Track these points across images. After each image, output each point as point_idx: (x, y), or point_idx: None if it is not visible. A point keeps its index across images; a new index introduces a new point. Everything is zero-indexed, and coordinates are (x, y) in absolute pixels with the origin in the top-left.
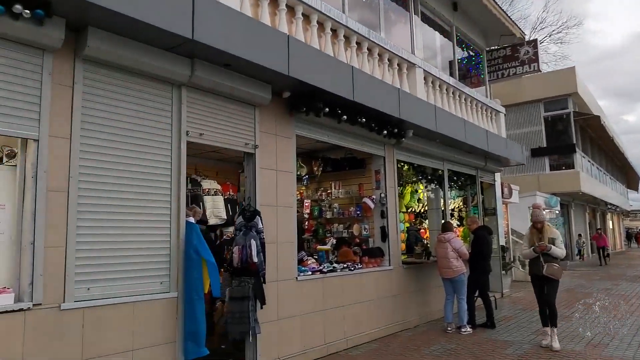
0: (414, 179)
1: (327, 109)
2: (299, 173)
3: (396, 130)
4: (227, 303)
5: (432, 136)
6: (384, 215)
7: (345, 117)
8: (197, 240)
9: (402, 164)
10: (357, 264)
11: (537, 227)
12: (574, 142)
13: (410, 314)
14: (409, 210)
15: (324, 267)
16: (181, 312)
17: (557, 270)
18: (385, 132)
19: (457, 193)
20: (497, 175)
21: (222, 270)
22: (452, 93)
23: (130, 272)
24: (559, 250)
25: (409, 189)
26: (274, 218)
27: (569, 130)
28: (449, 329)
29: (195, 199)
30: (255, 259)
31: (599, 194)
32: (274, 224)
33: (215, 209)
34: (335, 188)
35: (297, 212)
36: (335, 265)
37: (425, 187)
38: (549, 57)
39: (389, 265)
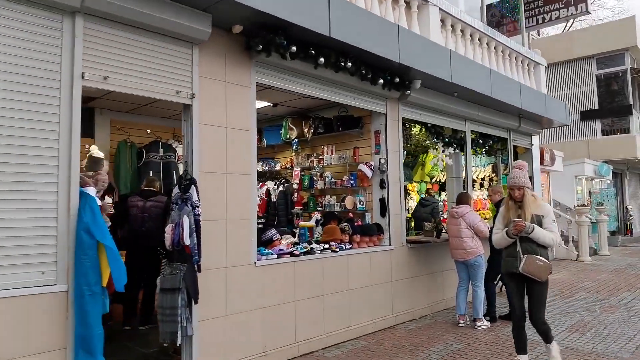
0: (428, 142)
1: (294, 48)
2: (288, 136)
3: (397, 79)
4: (158, 295)
5: (448, 89)
6: (383, 185)
7: (322, 59)
8: (89, 218)
9: (411, 123)
10: (346, 244)
11: (515, 196)
12: (631, 103)
13: (415, 303)
14: (433, 181)
15: (297, 248)
16: (72, 311)
17: (541, 267)
18: (381, 81)
19: (487, 160)
20: (535, 139)
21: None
22: (479, 40)
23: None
24: (548, 234)
25: (430, 156)
26: (221, 189)
27: (625, 90)
28: (461, 322)
29: (167, 167)
30: (188, 241)
31: None
32: (221, 196)
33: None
34: (327, 153)
35: (287, 182)
36: (313, 245)
37: (443, 151)
38: (605, 13)
39: (389, 244)
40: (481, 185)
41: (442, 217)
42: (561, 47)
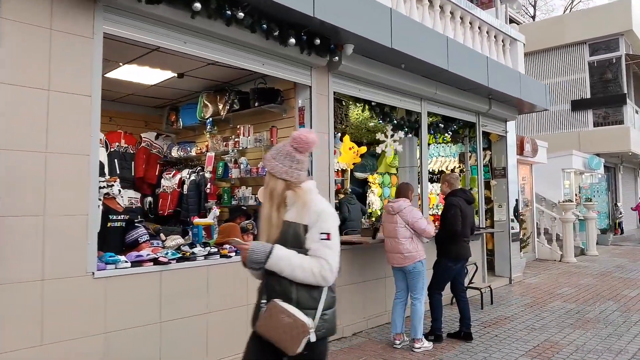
0: (374, 124)
1: None
2: (203, 115)
3: (318, 41)
4: None
5: (393, 59)
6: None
7: (197, 4)
8: None
9: (350, 101)
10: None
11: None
12: (625, 91)
13: (346, 317)
14: (396, 172)
15: (166, 253)
16: None
17: (286, 327)
18: (292, 41)
19: (458, 148)
20: (511, 125)
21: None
22: (441, 7)
23: None
24: (300, 263)
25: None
26: (38, 173)
27: (619, 78)
28: (397, 342)
29: None
30: None
31: None
32: (37, 183)
33: None
34: (244, 134)
35: (200, 172)
36: (196, 250)
37: (391, 135)
38: None
39: None
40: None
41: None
42: (552, 33)
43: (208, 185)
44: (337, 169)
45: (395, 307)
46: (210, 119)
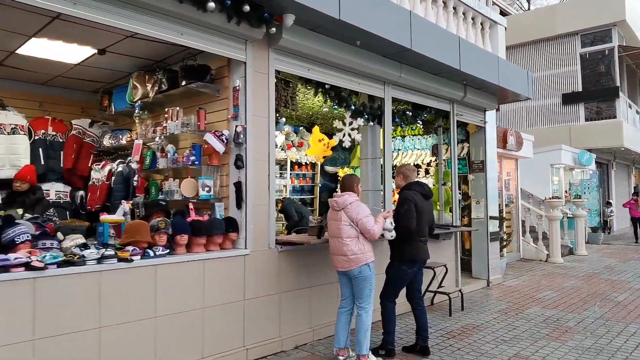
0: (328, 110)
1: None
2: (132, 97)
3: (248, 7)
4: None
5: (346, 34)
6: (240, 163)
7: None
8: None
9: (298, 82)
10: (159, 249)
11: None
12: (618, 85)
13: (287, 329)
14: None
15: (43, 257)
16: None
17: None
18: (212, 4)
19: (434, 141)
20: (491, 115)
21: None
22: None
23: None
24: None
25: None
26: None
27: (612, 71)
28: (340, 357)
29: None
30: None
31: None
32: None
33: (12, 154)
34: (172, 119)
35: (124, 162)
36: (87, 252)
37: (350, 123)
38: None
39: (245, 247)
40: (427, 172)
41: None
42: (542, 23)
43: (135, 177)
44: (306, 162)
45: (339, 318)
46: (139, 102)
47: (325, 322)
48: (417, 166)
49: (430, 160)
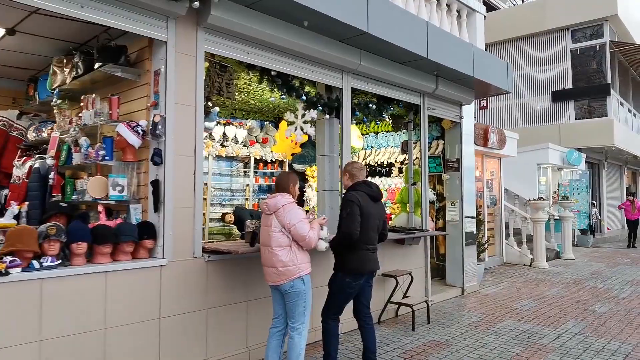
0: (275, 99)
1: None
2: (51, 84)
3: None
4: None
5: (291, 12)
6: (158, 159)
7: None
8: None
9: (238, 67)
10: (46, 259)
11: None
12: (609, 82)
13: (215, 349)
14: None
15: None
16: None
17: None
18: None
19: (404, 137)
20: (468, 110)
21: None
22: None
23: None
24: None
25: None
26: None
27: (603, 67)
28: None
29: None
30: None
31: (639, 150)
32: None
33: None
34: (87, 108)
35: (43, 157)
36: None
37: (302, 115)
38: None
39: (162, 256)
40: (400, 171)
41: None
42: (531, 18)
43: (51, 175)
44: (272, 160)
45: (269, 339)
46: (57, 89)
47: (262, 341)
48: (391, 165)
49: (405, 159)
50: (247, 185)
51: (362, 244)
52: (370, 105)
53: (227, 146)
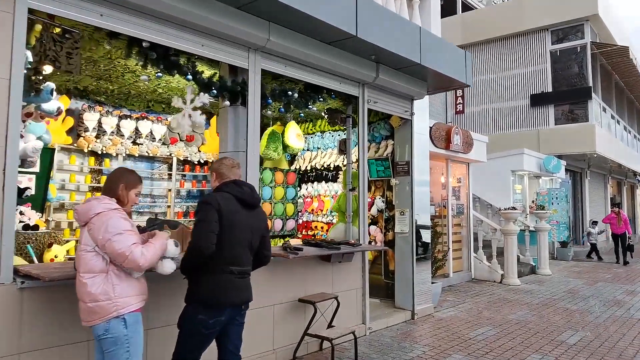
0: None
1: None
2: None
3: None
4: None
5: None
6: None
7: None
8: None
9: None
10: None
11: None
12: (591, 84)
13: None
14: (284, 169)
15: None
16: None
17: None
18: None
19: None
20: (421, 105)
21: None
22: None
23: None
24: None
25: (291, 125)
26: None
27: (584, 70)
28: None
29: None
30: None
31: (623, 158)
32: None
33: None
34: None
35: None
36: None
37: (192, 100)
38: None
39: None
40: (322, 173)
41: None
42: (509, 18)
43: None
44: (199, 161)
45: None
46: None
47: None
48: (338, 168)
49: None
50: (169, 190)
51: (224, 265)
52: (290, 93)
53: (142, 144)
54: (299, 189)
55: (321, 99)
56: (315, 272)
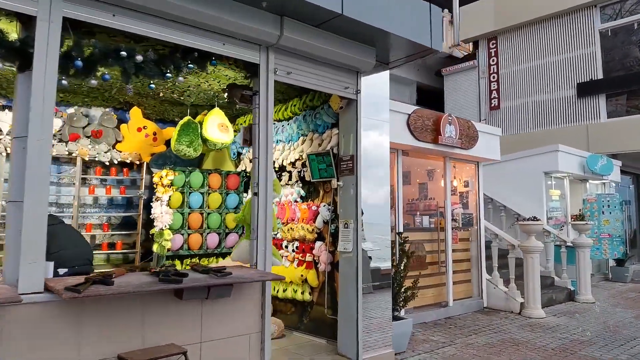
0: None
1: None
2: None
3: None
4: None
5: None
6: None
7: None
8: None
9: None
10: None
11: None
12: None
13: None
14: (222, 171)
15: None
16: None
17: None
18: None
19: (308, 128)
20: (375, 82)
21: None
22: None
23: None
24: None
25: (214, 112)
26: None
27: None
28: None
29: None
30: None
31: None
32: None
33: None
34: None
35: None
36: None
37: None
38: None
39: None
40: (289, 175)
41: None
42: None
43: None
44: (111, 161)
45: None
46: None
47: None
48: (282, 168)
49: (298, 158)
50: (74, 197)
51: None
52: (123, 53)
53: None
54: (245, 195)
55: (189, 65)
56: (167, 311)
